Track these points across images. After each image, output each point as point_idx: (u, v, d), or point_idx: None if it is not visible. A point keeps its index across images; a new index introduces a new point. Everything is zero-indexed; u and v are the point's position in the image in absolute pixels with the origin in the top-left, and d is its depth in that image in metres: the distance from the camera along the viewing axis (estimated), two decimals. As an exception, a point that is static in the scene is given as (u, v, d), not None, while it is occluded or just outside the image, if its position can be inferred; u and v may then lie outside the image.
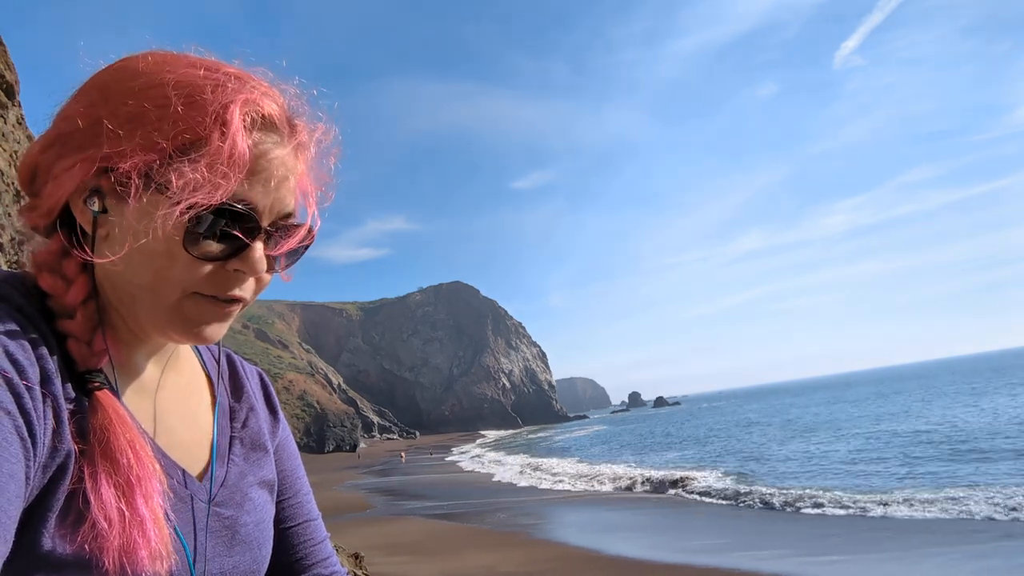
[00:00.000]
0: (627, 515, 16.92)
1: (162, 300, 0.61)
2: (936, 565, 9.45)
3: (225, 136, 0.58)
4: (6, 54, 3.22)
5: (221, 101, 0.59)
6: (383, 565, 11.28)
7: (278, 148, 0.63)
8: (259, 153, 0.61)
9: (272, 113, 0.63)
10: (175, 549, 0.62)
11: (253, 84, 0.63)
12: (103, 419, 0.58)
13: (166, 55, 0.63)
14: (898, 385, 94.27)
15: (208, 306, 0.63)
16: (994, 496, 13.82)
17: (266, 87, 0.64)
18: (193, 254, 0.59)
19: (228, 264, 0.62)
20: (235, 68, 0.64)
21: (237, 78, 0.62)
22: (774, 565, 10.10)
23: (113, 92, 0.60)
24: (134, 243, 0.59)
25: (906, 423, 34.55)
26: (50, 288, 0.61)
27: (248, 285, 0.65)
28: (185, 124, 0.58)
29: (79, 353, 0.60)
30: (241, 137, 0.58)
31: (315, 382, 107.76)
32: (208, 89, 0.59)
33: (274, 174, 0.62)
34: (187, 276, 0.60)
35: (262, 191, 0.61)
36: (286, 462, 0.87)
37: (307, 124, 0.67)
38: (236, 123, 0.58)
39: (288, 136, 0.65)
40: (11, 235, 2.86)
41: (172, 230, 0.58)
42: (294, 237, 0.67)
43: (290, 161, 0.64)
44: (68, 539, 0.54)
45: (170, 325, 0.62)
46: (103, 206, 0.60)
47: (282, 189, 0.64)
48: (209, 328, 0.64)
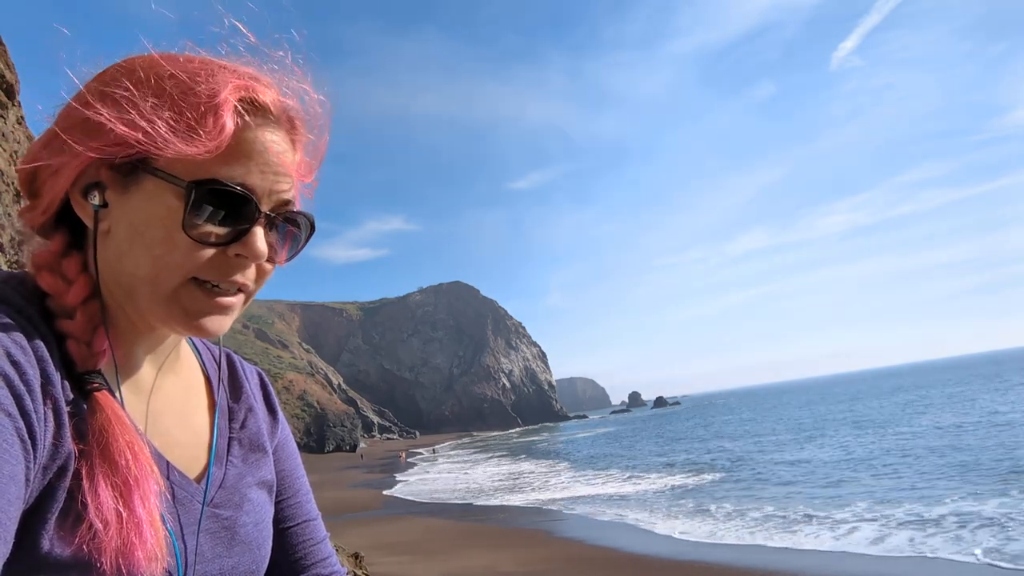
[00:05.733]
0: (628, 516, 16.92)
1: (162, 288, 0.60)
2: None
3: (216, 116, 0.58)
4: (6, 54, 3.22)
5: (214, 87, 0.60)
6: (383, 565, 11.28)
7: (273, 134, 0.64)
8: (254, 137, 0.62)
9: (267, 101, 0.64)
10: (171, 552, 0.62)
11: (247, 73, 0.64)
12: (102, 420, 0.58)
13: (165, 54, 0.64)
14: (897, 384, 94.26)
15: (207, 296, 0.62)
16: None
17: (261, 77, 0.65)
18: (193, 237, 0.59)
19: (229, 249, 0.62)
20: (229, 62, 0.65)
21: (232, 70, 0.63)
22: (786, 561, 10.11)
23: (111, 87, 0.61)
24: (135, 233, 0.59)
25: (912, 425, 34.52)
26: (50, 288, 0.61)
27: (250, 272, 0.65)
28: (180, 111, 0.58)
29: (78, 354, 0.60)
30: (231, 118, 0.59)
31: (315, 382, 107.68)
32: (202, 77, 0.61)
33: (271, 159, 0.63)
34: (187, 261, 0.60)
35: (259, 175, 0.62)
36: (285, 462, 0.87)
37: (304, 115, 0.68)
38: (227, 106, 0.59)
39: (284, 124, 0.65)
40: (11, 235, 2.86)
41: (171, 214, 0.58)
42: (297, 225, 0.68)
43: (286, 148, 0.65)
44: (67, 540, 0.54)
45: (170, 315, 0.62)
46: (104, 200, 0.60)
47: (280, 175, 0.64)
48: (210, 320, 0.63)
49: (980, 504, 13.44)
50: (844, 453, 25.21)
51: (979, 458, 19.64)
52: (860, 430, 33.97)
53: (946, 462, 19.77)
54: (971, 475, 17.05)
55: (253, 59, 0.66)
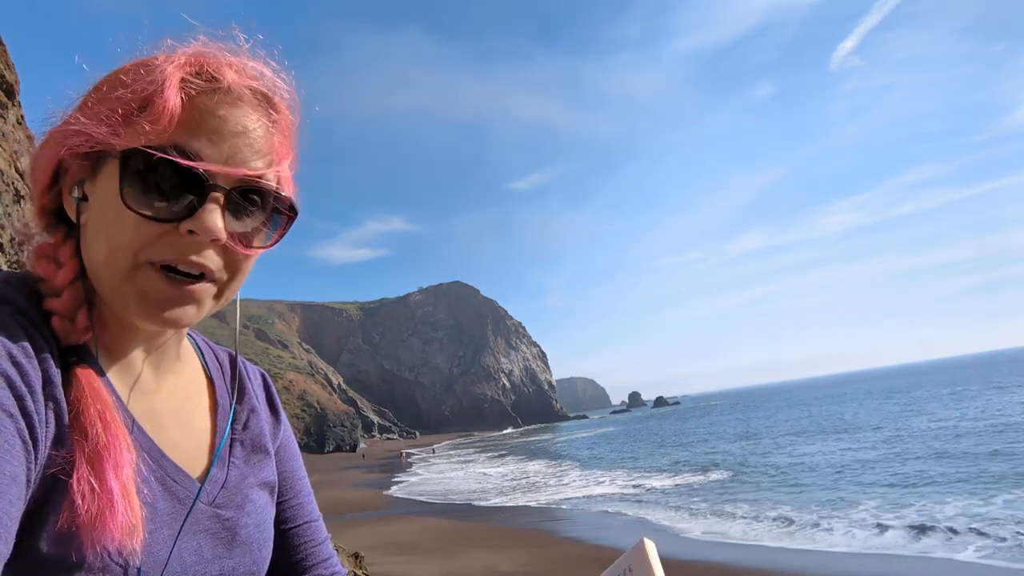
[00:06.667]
0: (628, 516, 16.92)
1: (117, 271, 0.60)
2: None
3: (162, 96, 0.58)
4: (6, 54, 3.22)
5: (164, 68, 0.60)
6: (383, 565, 11.27)
7: (234, 108, 0.62)
8: (205, 107, 0.60)
9: (230, 79, 0.63)
10: (176, 561, 0.62)
11: (200, 51, 0.64)
12: (76, 392, 0.58)
13: (139, 59, 0.64)
14: (897, 384, 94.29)
15: (164, 281, 0.60)
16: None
17: (220, 55, 0.65)
18: (135, 210, 0.58)
19: (181, 226, 0.59)
20: (196, 47, 0.64)
21: (193, 53, 0.63)
22: (787, 561, 10.10)
23: (91, 90, 0.63)
24: (97, 218, 0.60)
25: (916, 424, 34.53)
26: (44, 272, 0.63)
27: (211, 255, 0.62)
28: (133, 93, 0.60)
29: (62, 329, 0.60)
30: (174, 89, 0.59)
31: (315, 382, 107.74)
32: (159, 60, 0.62)
33: (226, 129, 0.61)
34: (136, 238, 0.58)
35: (211, 145, 0.60)
36: (287, 463, 0.87)
37: (280, 98, 0.67)
38: (171, 80, 0.59)
39: (249, 100, 0.64)
40: (11, 235, 2.86)
41: (114, 189, 0.58)
42: (267, 207, 0.65)
43: (254, 126, 0.63)
44: (67, 540, 0.54)
45: (127, 300, 0.61)
46: (83, 193, 0.62)
47: (240, 148, 0.62)
48: (172, 310, 0.61)
49: (982, 504, 13.46)
50: (845, 453, 25.22)
51: (980, 458, 19.65)
52: (860, 430, 33.98)
53: (947, 462, 19.78)
54: (973, 475, 17.07)
55: (223, 45, 0.66)
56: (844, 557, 10.60)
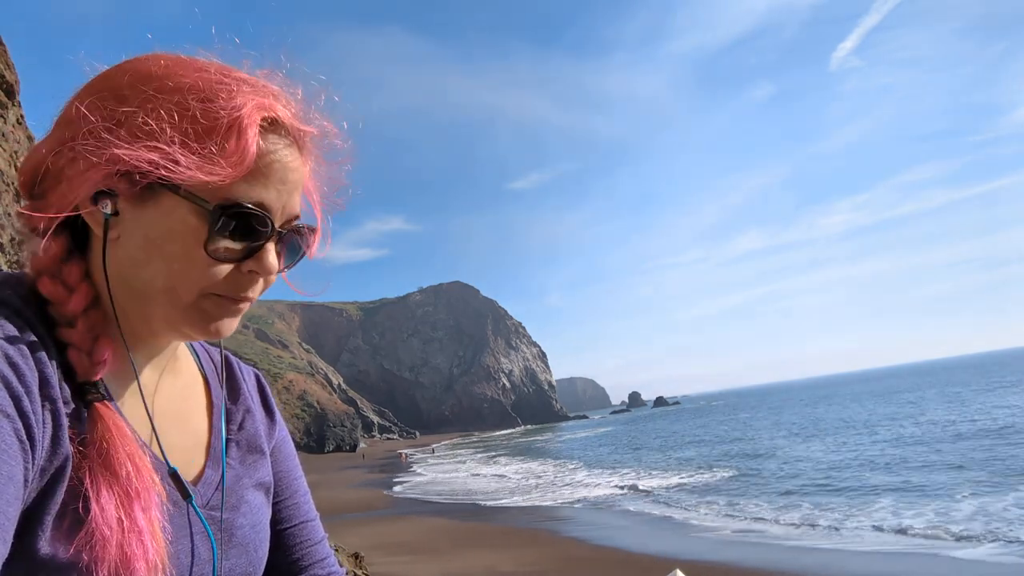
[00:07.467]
0: (629, 515, 16.92)
1: (179, 301, 0.62)
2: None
3: (240, 139, 0.59)
4: (6, 54, 3.21)
5: (235, 105, 0.60)
6: (383, 565, 11.26)
7: (288, 151, 0.64)
8: (271, 157, 0.62)
9: (283, 118, 0.64)
10: (172, 563, 0.62)
11: (264, 89, 0.64)
12: (103, 431, 0.58)
13: (176, 58, 0.63)
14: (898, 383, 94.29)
15: (222, 308, 0.64)
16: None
17: (276, 91, 0.65)
18: (211, 255, 0.60)
19: (243, 266, 0.63)
20: (245, 73, 0.64)
21: (249, 83, 0.63)
22: (789, 561, 10.10)
23: (128, 95, 0.60)
24: (151, 245, 0.60)
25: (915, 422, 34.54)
26: (51, 295, 0.61)
27: (258, 286, 0.66)
28: (201, 128, 0.59)
29: (80, 364, 0.60)
30: (253, 140, 0.60)
31: (315, 382, 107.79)
32: (222, 93, 0.61)
33: (286, 177, 0.64)
34: (204, 277, 0.61)
35: (275, 193, 0.63)
36: (283, 463, 0.87)
37: (316, 129, 0.69)
38: (250, 127, 0.60)
39: (297, 140, 0.66)
40: (11, 235, 2.85)
41: (191, 232, 0.59)
42: (306, 240, 0.70)
43: (299, 164, 0.66)
44: (65, 543, 0.55)
45: (185, 323, 0.63)
46: (115, 208, 0.60)
47: (293, 192, 0.65)
48: (223, 323, 0.65)
49: (984, 503, 13.45)
50: (846, 452, 25.20)
51: (980, 458, 19.64)
52: (860, 430, 34.00)
53: (949, 461, 19.77)
54: (974, 474, 17.08)
55: (264, 70, 0.66)
56: (860, 556, 10.57)
